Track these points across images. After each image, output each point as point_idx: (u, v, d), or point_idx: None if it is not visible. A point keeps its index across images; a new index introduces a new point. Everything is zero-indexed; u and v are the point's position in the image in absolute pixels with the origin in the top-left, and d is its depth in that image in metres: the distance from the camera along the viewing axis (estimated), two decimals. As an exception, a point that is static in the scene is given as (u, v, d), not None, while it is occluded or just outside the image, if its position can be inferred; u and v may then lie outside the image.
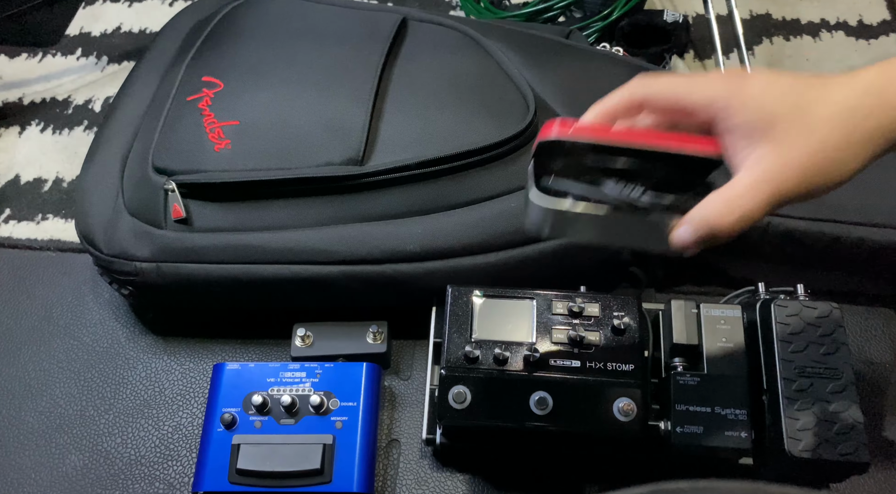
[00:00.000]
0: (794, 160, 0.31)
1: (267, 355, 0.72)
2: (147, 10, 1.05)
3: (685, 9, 1.00)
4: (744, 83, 0.33)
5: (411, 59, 0.73)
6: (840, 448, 0.53)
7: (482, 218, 0.64)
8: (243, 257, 0.64)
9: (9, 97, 0.95)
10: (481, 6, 0.97)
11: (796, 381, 0.55)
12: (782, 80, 0.33)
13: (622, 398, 0.56)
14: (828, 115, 0.31)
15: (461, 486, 0.64)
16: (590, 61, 0.77)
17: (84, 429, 0.68)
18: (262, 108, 0.68)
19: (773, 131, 0.31)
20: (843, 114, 0.31)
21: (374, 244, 0.64)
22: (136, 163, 0.70)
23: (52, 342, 0.73)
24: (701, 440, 0.55)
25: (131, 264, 0.66)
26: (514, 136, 0.65)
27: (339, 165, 0.64)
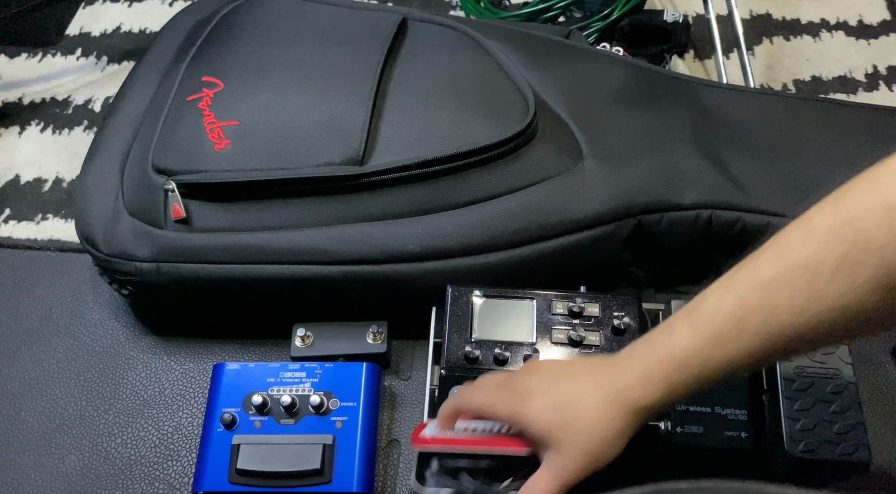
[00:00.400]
0: (570, 461, 0.43)
1: (267, 355, 0.72)
2: (147, 10, 1.05)
3: (685, 9, 1.00)
4: (524, 408, 0.44)
5: (411, 59, 0.73)
6: (840, 447, 0.53)
7: (482, 218, 0.64)
8: (243, 257, 0.64)
9: (9, 97, 0.95)
10: (481, 6, 0.97)
11: (796, 381, 0.55)
12: (551, 399, 0.44)
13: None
14: (588, 428, 0.42)
15: (461, 486, 0.64)
16: (590, 61, 0.77)
17: (84, 429, 0.68)
18: (262, 108, 0.68)
19: (552, 443, 0.43)
20: (597, 426, 0.42)
21: (374, 244, 0.64)
22: (136, 163, 0.70)
23: (52, 342, 0.73)
24: (701, 440, 0.55)
25: (131, 264, 0.66)
26: (514, 136, 0.65)
27: (339, 165, 0.64)
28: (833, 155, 0.71)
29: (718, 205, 0.66)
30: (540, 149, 0.67)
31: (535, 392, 0.45)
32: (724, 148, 0.71)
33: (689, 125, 0.72)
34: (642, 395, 0.42)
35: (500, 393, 0.46)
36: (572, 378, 0.45)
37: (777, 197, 0.67)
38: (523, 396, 0.45)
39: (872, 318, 0.37)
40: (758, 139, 0.72)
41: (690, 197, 0.66)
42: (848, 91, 0.92)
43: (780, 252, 0.39)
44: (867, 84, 0.93)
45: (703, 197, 0.66)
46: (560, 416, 0.43)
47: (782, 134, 0.73)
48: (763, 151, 0.71)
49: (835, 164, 0.70)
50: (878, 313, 0.37)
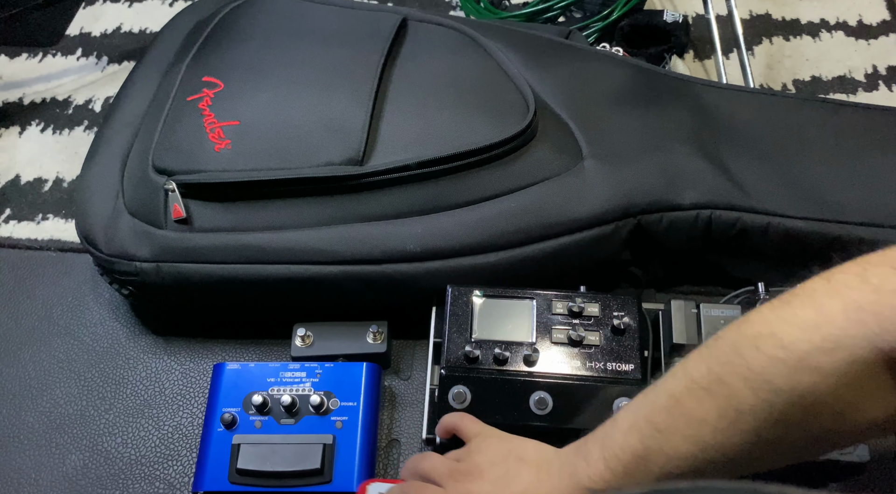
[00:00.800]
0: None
1: (267, 355, 0.72)
2: (147, 10, 1.05)
3: (685, 9, 1.00)
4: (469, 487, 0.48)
5: (411, 59, 0.73)
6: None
7: (482, 218, 0.64)
8: (243, 257, 0.64)
9: (9, 97, 0.95)
10: (481, 6, 0.97)
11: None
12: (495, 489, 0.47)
13: (622, 399, 0.56)
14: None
15: (461, 486, 0.64)
16: (590, 61, 0.77)
17: (84, 429, 0.68)
18: (262, 108, 0.68)
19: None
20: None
21: (374, 244, 0.64)
22: (137, 163, 0.70)
23: (52, 342, 0.73)
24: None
25: (131, 264, 0.66)
26: (514, 136, 0.65)
27: (340, 165, 0.64)
28: (833, 155, 0.71)
29: (718, 205, 0.66)
30: (540, 149, 0.67)
31: (481, 477, 0.49)
32: (724, 148, 0.71)
33: (689, 125, 0.72)
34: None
35: (451, 465, 0.51)
36: (511, 484, 0.49)
37: (777, 197, 0.67)
38: (471, 476, 0.49)
39: (753, 464, 0.39)
40: (758, 139, 0.72)
41: (690, 197, 0.66)
42: (848, 91, 0.92)
43: (668, 397, 0.41)
44: (867, 84, 0.93)
45: (702, 197, 0.66)
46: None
47: (782, 134, 0.73)
48: (763, 151, 0.71)
49: (835, 164, 0.70)
50: (753, 460, 0.39)
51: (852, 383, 0.34)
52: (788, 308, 0.36)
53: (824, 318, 0.35)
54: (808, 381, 0.34)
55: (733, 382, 0.37)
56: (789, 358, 0.35)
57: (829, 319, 0.35)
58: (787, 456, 0.40)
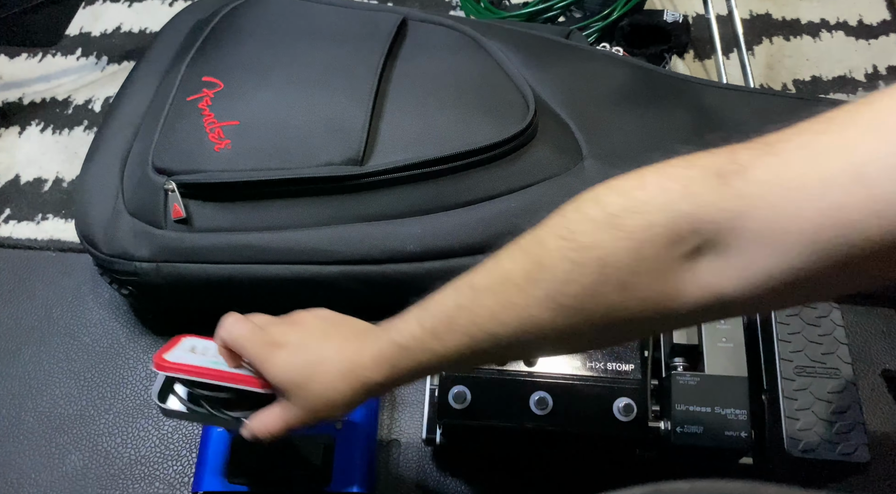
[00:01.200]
0: (299, 412, 0.47)
1: (267, 355, 0.71)
2: (147, 10, 1.05)
3: (685, 9, 1.00)
4: (269, 357, 0.47)
5: (411, 59, 0.73)
6: (840, 447, 0.53)
7: (482, 218, 0.64)
8: (243, 258, 0.64)
9: (9, 97, 0.95)
10: (481, 6, 0.97)
11: (796, 381, 0.55)
12: (296, 358, 0.47)
13: (622, 398, 0.56)
14: (320, 392, 0.46)
15: (461, 486, 0.64)
16: (590, 61, 0.77)
17: (84, 429, 0.68)
18: (262, 108, 0.68)
19: (286, 394, 0.47)
20: (328, 393, 0.46)
21: (374, 244, 0.64)
22: (136, 163, 0.70)
23: (52, 342, 0.73)
24: (701, 440, 0.55)
25: (131, 264, 0.66)
26: (514, 136, 0.65)
27: (339, 165, 0.64)
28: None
29: (718, 205, 0.66)
30: (540, 149, 0.67)
31: (285, 345, 0.48)
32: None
33: (690, 125, 0.72)
34: (371, 374, 0.45)
35: (257, 336, 0.49)
36: (323, 340, 0.49)
37: (777, 197, 0.67)
38: (273, 347, 0.48)
39: (550, 335, 0.39)
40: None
41: (690, 197, 0.66)
42: (848, 91, 0.92)
43: (494, 260, 0.42)
44: (867, 84, 0.93)
45: (703, 197, 0.66)
46: (298, 375, 0.47)
47: (782, 134, 0.73)
48: (763, 151, 0.71)
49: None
50: (554, 331, 0.39)
51: (646, 252, 0.34)
52: (617, 179, 0.37)
53: (640, 185, 0.36)
54: (609, 239, 0.35)
55: (547, 240, 0.38)
56: (598, 216, 0.36)
57: (642, 185, 0.36)
58: (588, 333, 0.39)
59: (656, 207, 0.35)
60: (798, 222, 0.31)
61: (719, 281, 0.34)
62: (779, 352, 0.56)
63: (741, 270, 0.33)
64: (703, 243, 0.34)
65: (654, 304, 0.36)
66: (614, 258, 0.35)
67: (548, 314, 0.38)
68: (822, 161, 0.31)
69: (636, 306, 0.36)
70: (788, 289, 0.33)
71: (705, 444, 0.55)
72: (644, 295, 0.36)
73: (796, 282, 0.33)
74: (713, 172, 0.34)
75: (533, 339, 0.40)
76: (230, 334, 0.50)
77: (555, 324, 0.38)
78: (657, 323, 0.38)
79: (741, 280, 0.34)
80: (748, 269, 0.33)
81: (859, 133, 0.31)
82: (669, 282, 0.35)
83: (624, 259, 0.35)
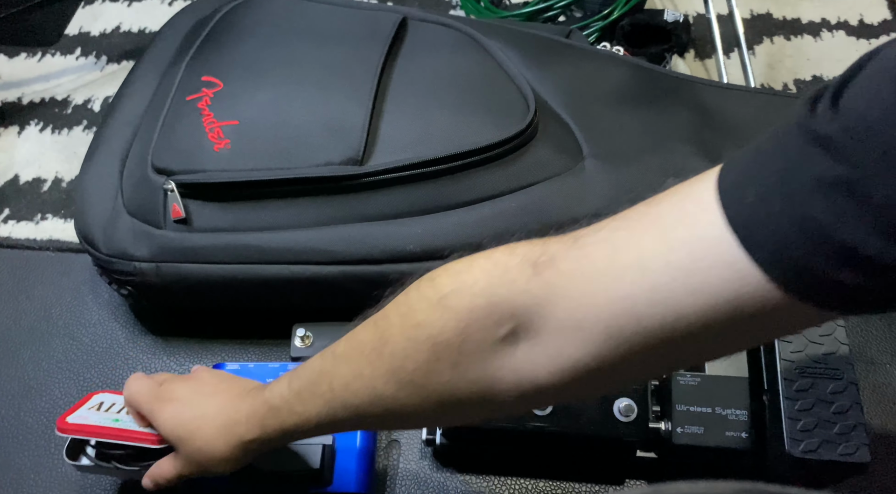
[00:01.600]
0: (187, 464, 0.50)
1: (267, 355, 0.71)
2: (146, 10, 1.05)
3: (686, 8, 1.00)
4: (159, 412, 0.50)
5: (411, 58, 0.73)
6: (841, 448, 0.53)
7: (482, 218, 0.64)
8: (243, 258, 0.64)
9: (8, 97, 0.95)
10: (481, 6, 0.96)
11: (797, 381, 0.55)
12: (182, 413, 0.50)
13: (622, 399, 0.56)
14: (201, 447, 0.49)
15: (461, 486, 0.64)
16: (590, 61, 0.77)
17: (83, 429, 0.68)
18: (261, 107, 0.68)
19: (175, 446, 0.50)
20: (207, 448, 0.48)
21: (374, 244, 0.64)
22: (136, 163, 0.70)
23: (51, 343, 0.73)
24: (702, 440, 0.55)
25: (130, 265, 0.66)
26: (514, 136, 0.65)
27: (339, 165, 0.64)
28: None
29: (719, 205, 0.66)
30: (540, 149, 0.67)
31: (174, 401, 0.51)
32: (725, 148, 0.70)
33: (690, 125, 0.71)
34: (246, 431, 0.47)
35: (152, 392, 0.52)
36: (210, 397, 0.51)
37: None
38: (164, 402, 0.51)
39: (395, 410, 0.41)
40: (758, 139, 0.72)
41: (691, 197, 0.66)
42: (848, 91, 0.92)
43: (355, 329, 0.43)
44: (868, 84, 0.93)
45: (703, 197, 0.66)
46: (182, 430, 0.49)
47: (783, 134, 0.73)
48: (764, 151, 0.71)
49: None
50: (398, 406, 0.40)
51: (471, 331, 0.36)
52: (453, 262, 0.39)
53: (468, 268, 0.38)
54: (439, 319, 0.37)
55: (391, 316, 0.40)
56: (432, 296, 0.38)
57: (470, 269, 0.38)
58: (428, 411, 0.41)
59: (479, 289, 0.36)
60: (594, 311, 0.34)
61: (533, 367, 0.36)
62: (779, 352, 0.56)
63: (551, 357, 0.35)
64: (519, 328, 0.35)
65: (481, 387, 0.37)
66: (444, 337, 0.37)
67: (391, 389, 0.40)
68: (615, 255, 0.34)
69: (466, 388, 0.38)
70: (598, 375, 0.35)
71: (706, 445, 0.55)
72: (472, 377, 0.37)
73: (602, 368, 0.35)
74: (529, 261, 0.36)
75: (381, 412, 0.41)
76: (129, 391, 0.53)
77: (397, 399, 0.40)
78: (487, 408, 0.39)
79: (552, 367, 0.35)
80: (557, 356, 0.35)
81: (645, 230, 0.34)
82: (493, 364, 0.37)
83: (452, 338, 0.37)
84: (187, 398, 0.51)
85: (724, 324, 0.32)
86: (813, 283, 0.29)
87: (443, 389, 0.38)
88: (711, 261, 0.31)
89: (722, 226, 0.31)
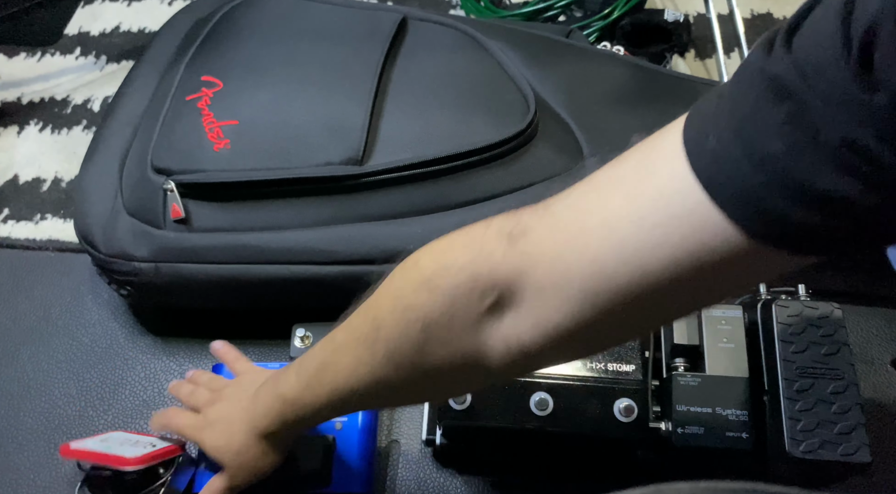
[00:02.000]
0: (234, 475, 0.54)
1: (267, 355, 0.71)
2: (146, 10, 1.05)
3: (686, 8, 1.00)
4: (204, 439, 0.54)
5: (411, 58, 0.73)
6: (841, 448, 0.53)
7: (482, 218, 0.64)
8: (242, 258, 0.64)
9: (7, 97, 0.95)
10: (481, 5, 0.96)
11: (797, 381, 0.55)
12: (220, 433, 0.54)
13: (623, 399, 0.56)
14: (238, 453, 0.53)
15: (461, 486, 0.64)
16: (590, 61, 0.77)
17: (84, 429, 0.68)
18: (261, 107, 0.68)
19: (221, 462, 0.54)
20: (242, 450, 0.53)
21: (374, 244, 0.64)
22: (135, 163, 0.70)
23: (50, 343, 0.73)
24: (702, 440, 0.55)
25: (130, 265, 0.66)
26: (514, 135, 0.65)
27: (339, 165, 0.64)
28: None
29: (719, 205, 0.66)
30: (540, 148, 0.67)
31: (213, 424, 0.54)
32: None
33: (690, 125, 0.71)
34: (266, 426, 0.51)
35: (195, 425, 0.55)
36: (233, 409, 0.54)
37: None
38: (202, 430, 0.55)
39: (400, 389, 0.43)
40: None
41: (691, 197, 0.66)
42: (849, 90, 0.92)
43: (349, 317, 0.45)
44: (868, 83, 0.93)
45: (703, 197, 0.66)
46: (223, 447, 0.53)
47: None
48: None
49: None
50: (402, 384, 0.42)
51: (457, 308, 0.37)
52: (434, 242, 0.41)
53: (449, 247, 0.40)
54: (427, 299, 0.38)
55: (382, 301, 0.42)
56: (417, 278, 0.39)
57: (451, 247, 0.39)
58: (430, 387, 0.43)
59: (460, 266, 0.37)
60: (568, 274, 0.34)
61: (519, 334, 0.37)
62: (780, 353, 0.56)
63: (535, 322, 0.36)
64: (502, 298, 0.36)
65: (474, 359, 0.38)
66: (433, 317, 0.38)
67: (390, 371, 0.41)
68: (583, 217, 0.35)
69: (460, 361, 0.39)
70: (581, 336, 0.36)
71: (706, 445, 0.55)
72: (464, 350, 0.38)
73: (583, 329, 0.35)
74: (504, 233, 0.37)
75: (387, 392, 0.44)
76: (176, 426, 0.57)
77: (399, 379, 0.41)
78: (480, 377, 0.41)
79: (536, 332, 0.36)
80: (540, 321, 0.36)
81: (611, 189, 0.35)
82: (482, 335, 0.38)
83: (441, 317, 0.38)
84: (217, 418, 0.55)
85: (694, 274, 0.32)
86: (774, 224, 0.29)
87: (439, 364, 0.39)
88: (676, 211, 0.31)
89: (686, 174, 0.31)
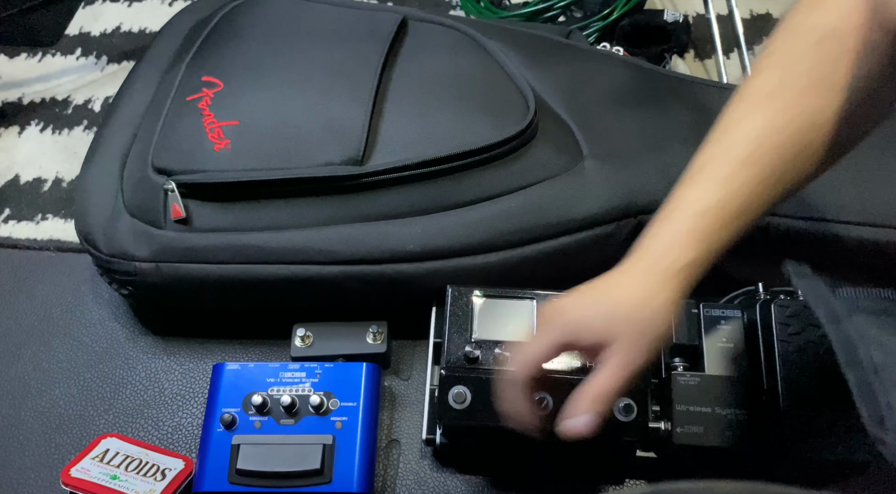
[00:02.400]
0: (627, 350, 0.43)
1: (267, 355, 0.72)
2: (147, 10, 1.05)
3: (685, 8, 1.00)
4: (565, 321, 0.45)
5: (411, 58, 0.73)
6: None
7: (482, 218, 0.64)
8: (243, 258, 0.64)
9: (8, 97, 0.95)
10: (481, 6, 0.97)
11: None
12: (587, 302, 0.46)
13: (622, 398, 0.56)
14: (634, 310, 0.43)
15: (461, 486, 0.64)
16: (590, 61, 0.77)
17: (84, 430, 0.68)
18: (261, 108, 0.68)
19: (606, 341, 0.44)
20: (642, 303, 0.43)
21: (374, 244, 0.64)
22: (136, 163, 0.70)
23: (51, 343, 0.73)
24: (701, 440, 0.55)
25: (131, 264, 0.66)
26: (514, 136, 0.65)
27: (339, 165, 0.64)
28: (833, 155, 0.71)
29: (719, 205, 0.66)
30: (540, 149, 0.67)
31: (570, 305, 0.45)
32: (725, 148, 0.70)
33: (690, 125, 0.71)
34: (679, 255, 0.42)
35: (543, 325, 0.46)
36: (603, 281, 0.46)
37: (777, 197, 0.67)
38: (559, 313, 0.45)
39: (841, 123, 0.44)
40: (758, 139, 0.72)
41: (691, 197, 0.66)
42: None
43: (753, 80, 0.46)
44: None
45: (703, 197, 0.66)
46: (602, 312, 0.43)
47: (783, 134, 0.73)
48: (763, 151, 0.71)
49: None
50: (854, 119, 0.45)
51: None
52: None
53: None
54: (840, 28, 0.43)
55: (787, 54, 0.45)
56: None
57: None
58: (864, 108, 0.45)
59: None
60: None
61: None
62: (779, 352, 0.56)
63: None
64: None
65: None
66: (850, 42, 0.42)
67: (813, 99, 0.43)
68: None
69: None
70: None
71: (706, 444, 0.55)
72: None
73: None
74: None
75: (810, 133, 0.44)
76: (528, 353, 0.47)
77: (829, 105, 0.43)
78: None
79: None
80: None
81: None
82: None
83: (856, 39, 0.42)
84: (581, 294, 0.46)
85: None
86: None
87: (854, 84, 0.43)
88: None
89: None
